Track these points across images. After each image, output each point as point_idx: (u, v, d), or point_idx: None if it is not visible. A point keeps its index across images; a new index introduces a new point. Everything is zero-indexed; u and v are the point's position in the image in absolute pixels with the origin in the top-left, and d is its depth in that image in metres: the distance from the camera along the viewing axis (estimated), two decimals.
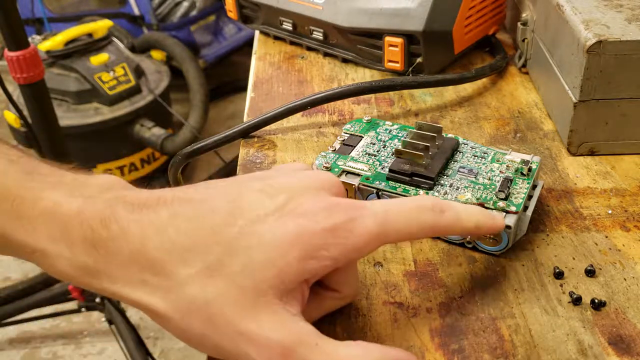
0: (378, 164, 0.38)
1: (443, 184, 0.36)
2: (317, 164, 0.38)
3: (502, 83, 0.53)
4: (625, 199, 0.39)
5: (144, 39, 1.95)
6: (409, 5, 0.51)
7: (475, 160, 0.38)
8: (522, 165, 0.36)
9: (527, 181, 0.36)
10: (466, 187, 0.36)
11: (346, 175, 0.37)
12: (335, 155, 0.39)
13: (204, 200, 0.27)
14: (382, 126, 0.42)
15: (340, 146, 0.40)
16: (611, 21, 0.40)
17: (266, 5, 0.60)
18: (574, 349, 0.29)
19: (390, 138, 0.40)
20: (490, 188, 0.35)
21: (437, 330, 0.30)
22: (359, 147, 0.40)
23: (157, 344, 1.37)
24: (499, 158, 0.38)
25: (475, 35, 0.55)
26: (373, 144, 0.40)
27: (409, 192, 0.36)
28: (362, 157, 0.39)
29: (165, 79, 1.77)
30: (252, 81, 0.55)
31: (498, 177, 0.36)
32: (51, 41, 1.56)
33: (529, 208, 0.35)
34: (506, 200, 0.34)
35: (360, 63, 0.56)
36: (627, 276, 0.33)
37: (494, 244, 0.34)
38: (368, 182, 0.36)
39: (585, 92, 0.40)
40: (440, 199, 0.33)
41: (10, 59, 0.88)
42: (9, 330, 1.39)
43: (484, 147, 0.39)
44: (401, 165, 0.36)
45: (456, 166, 0.37)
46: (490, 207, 0.34)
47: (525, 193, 0.35)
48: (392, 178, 0.36)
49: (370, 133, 0.41)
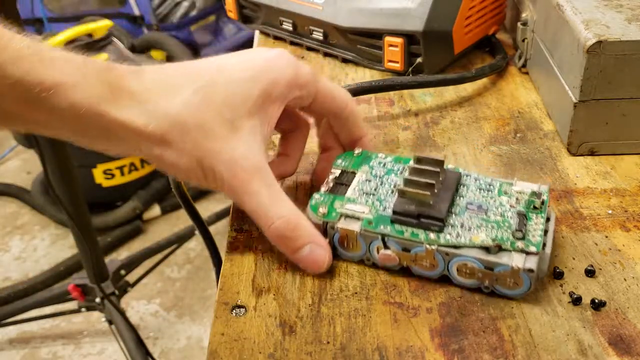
0: (378, 204, 0.35)
1: (453, 224, 0.33)
2: (311, 208, 0.35)
3: (502, 83, 0.53)
4: (625, 199, 0.39)
5: (144, 39, 1.95)
6: (409, 5, 0.51)
7: (482, 193, 0.35)
8: (534, 197, 0.34)
9: (540, 215, 0.33)
10: (478, 227, 0.32)
11: (345, 220, 0.34)
12: (330, 196, 0.35)
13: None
14: (375, 159, 0.38)
15: (334, 185, 0.36)
16: (611, 21, 0.40)
17: (266, 5, 0.60)
18: (574, 349, 0.29)
19: (387, 172, 0.37)
20: (505, 226, 0.32)
21: (437, 330, 0.30)
22: (354, 185, 0.36)
23: (157, 344, 1.37)
24: (506, 190, 0.35)
25: (475, 35, 0.55)
26: (369, 181, 0.36)
27: (417, 236, 0.32)
28: (359, 197, 0.35)
29: None
30: None
31: (510, 212, 0.33)
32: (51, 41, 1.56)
33: (547, 245, 0.32)
34: (524, 240, 0.31)
35: (360, 63, 0.56)
36: (627, 276, 0.33)
37: (515, 288, 0.31)
38: (371, 228, 0.33)
39: (585, 92, 0.40)
40: (452, 242, 0.32)
41: None
42: (9, 330, 1.39)
43: (487, 178, 0.36)
44: (406, 206, 0.33)
45: (463, 202, 0.34)
46: (508, 248, 0.31)
47: (541, 229, 0.32)
48: (397, 220, 0.33)
49: (363, 168, 0.37)
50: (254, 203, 0.32)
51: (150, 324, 1.42)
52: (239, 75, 0.33)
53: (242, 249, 0.36)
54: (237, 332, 0.31)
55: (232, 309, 0.32)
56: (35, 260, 1.59)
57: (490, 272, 0.31)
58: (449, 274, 0.32)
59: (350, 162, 0.38)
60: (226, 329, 0.31)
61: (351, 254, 0.34)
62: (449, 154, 0.44)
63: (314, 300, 0.32)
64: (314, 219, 0.34)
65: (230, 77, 0.33)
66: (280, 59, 0.35)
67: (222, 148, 0.32)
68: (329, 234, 0.34)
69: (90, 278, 1.16)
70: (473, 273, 0.31)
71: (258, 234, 0.37)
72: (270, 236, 0.33)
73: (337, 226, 0.34)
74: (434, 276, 0.33)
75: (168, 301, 1.46)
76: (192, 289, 1.49)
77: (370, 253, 0.34)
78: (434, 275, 0.33)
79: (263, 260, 0.35)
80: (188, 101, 0.31)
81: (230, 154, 0.32)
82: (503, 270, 0.31)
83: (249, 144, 0.32)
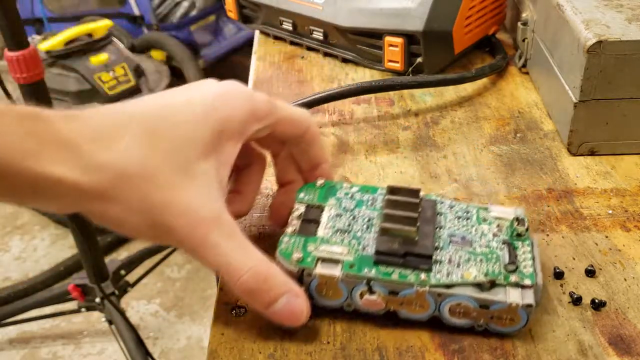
0: (356, 242, 0.31)
1: (441, 260, 0.30)
2: (283, 254, 0.31)
3: (502, 83, 0.53)
4: (625, 199, 0.39)
5: (143, 39, 1.95)
6: (409, 5, 0.51)
7: (461, 222, 0.33)
8: (517, 224, 0.32)
9: (526, 243, 0.31)
10: (467, 261, 0.30)
11: (323, 264, 0.30)
12: (301, 238, 0.31)
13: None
14: (341, 190, 0.35)
15: (301, 224, 0.32)
16: (611, 21, 0.40)
17: (266, 5, 0.60)
18: (574, 349, 0.29)
19: (356, 205, 0.34)
20: (493, 258, 0.30)
21: (437, 330, 0.30)
22: (324, 222, 0.32)
23: (157, 344, 1.37)
24: (485, 216, 0.33)
25: (475, 35, 0.55)
26: (339, 216, 0.33)
27: (406, 278, 0.29)
28: (333, 235, 0.32)
29: (165, 79, 1.77)
30: (252, 81, 0.55)
31: (494, 242, 0.31)
32: (51, 41, 1.56)
33: (538, 274, 0.30)
34: (517, 273, 0.30)
35: (360, 63, 0.56)
36: (627, 276, 0.33)
37: (511, 324, 0.29)
38: (354, 271, 0.30)
39: (585, 92, 0.40)
40: (443, 281, 0.29)
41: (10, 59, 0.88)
42: (9, 330, 1.39)
43: (462, 204, 0.34)
44: (389, 245, 0.30)
45: (444, 234, 0.32)
46: (502, 283, 0.29)
47: (530, 258, 0.30)
48: (381, 261, 0.30)
49: (330, 201, 0.34)
50: (216, 257, 0.28)
51: (150, 324, 1.42)
52: (186, 116, 0.29)
53: None
54: (237, 332, 0.31)
55: (232, 309, 0.32)
56: (35, 260, 1.59)
57: (485, 311, 0.29)
58: (440, 315, 0.30)
59: (314, 195, 0.34)
60: (226, 329, 0.31)
61: (330, 301, 0.31)
62: (449, 154, 0.44)
63: None
64: (287, 266, 0.30)
65: (177, 119, 0.29)
66: (232, 92, 0.31)
67: (174, 199, 0.28)
68: (305, 282, 0.30)
69: (90, 278, 1.16)
70: (467, 312, 0.29)
71: (258, 234, 0.37)
72: (240, 292, 0.29)
73: (314, 272, 0.30)
74: (423, 319, 0.30)
75: (168, 301, 1.46)
76: (192, 289, 1.49)
77: (352, 299, 0.30)
78: (423, 318, 0.30)
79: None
80: (130, 149, 0.28)
81: (184, 204, 0.28)
82: (499, 308, 0.29)
83: (204, 190, 0.29)
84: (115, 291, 1.17)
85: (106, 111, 0.29)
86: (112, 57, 1.62)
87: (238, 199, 0.35)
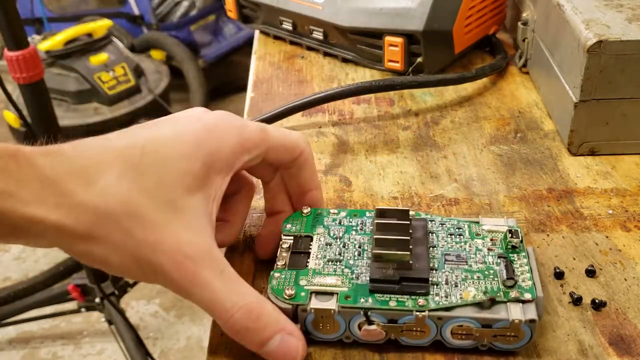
0: (349, 271, 0.30)
1: (437, 282, 0.29)
2: (274, 291, 0.29)
3: (502, 83, 0.53)
4: (625, 199, 0.39)
5: (143, 39, 1.95)
6: (409, 5, 0.51)
7: (454, 239, 0.32)
8: (511, 237, 0.31)
9: (522, 255, 0.30)
10: (464, 280, 0.29)
11: (317, 298, 0.29)
12: (291, 272, 0.30)
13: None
14: (328, 217, 0.34)
15: (290, 256, 0.31)
16: (611, 21, 0.40)
17: (266, 5, 0.60)
18: (575, 349, 0.29)
19: (346, 231, 0.33)
20: (490, 274, 0.29)
21: None
22: (314, 253, 0.31)
23: (156, 344, 1.37)
24: (477, 231, 0.32)
25: (476, 35, 0.55)
26: (329, 245, 0.32)
27: (404, 304, 0.28)
28: (325, 266, 0.31)
29: (164, 79, 1.77)
30: (252, 81, 0.55)
31: (490, 256, 0.31)
32: (51, 41, 1.56)
33: (537, 286, 0.29)
34: (516, 288, 0.29)
35: (360, 63, 0.56)
36: (627, 276, 0.33)
37: (515, 341, 0.28)
38: (350, 303, 0.29)
39: (585, 92, 0.40)
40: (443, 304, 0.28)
41: (10, 59, 0.88)
42: (9, 330, 1.39)
43: (453, 220, 0.33)
44: (384, 271, 0.29)
45: (438, 253, 0.31)
46: (503, 300, 0.28)
47: (528, 271, 0.30)
48: (377, 289, 0.29)
49: (318, 229, 0.33)
50: (207, 295, 0.27)
51: (150, 324, 1.42)
52: (174, 150, 0.28)
53: (242, 249, 0.36)
54: None
55: None
56: (35, 260, 1.59)
57: (488, 330, 0.28)
58: (442, 339, 0.29)
59: (301, 224, 0.33)
60: None
61: (328, 335, 0.29)
62: (449, 154, 0.44)
63: None
64: (280, 304, 0.29)
65: (165, 153, 0.28)
66: (222, 125, 0.30)
67: (162, 236, 0.27)
68: (300, 318, 0.29)
69: (89, 278, 1.16)
70: (470, 333, 0.28)
71: (258, 234, 0.37)
72: (231, 331, 0.28)
73: (309, 307, 0.29)
74: (426, 344, 0.29)
75: (168, 301, 1.46)
76: None
77: (350, 331, 0.29)
78: (426, 343, 0.29)
79: (263, 260, 0.35)
80: (113, 186, 0.26)
81: (173, 241, 0.27)
82: (502, 326, 0.28)
83: (193, 226, 0.28)
84: (115, 291, 1.17)
85: (89, 145, 0.28)
86: (111, 57, 1.63)
87: (224, 228, 0.34)
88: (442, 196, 0.40)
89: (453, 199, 0.39)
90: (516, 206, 0.39)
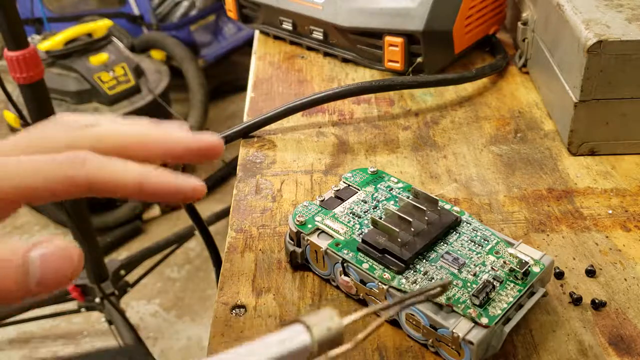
0: (358, 227, 0.33)
1: (417, 269, 0.30)
2: (292, 216, 0.33)
3: (502, 83, 0.53)
4: (625, 199, 0.39)
5: (143, 39, 1.95)
6: (409, 5, 0.51)
7: (470, 246, 0.31)
8: (518, 267, 0.29)
9: (518, 287, 0.29)
10: (442, 280, 0.29)
11: (318, 236, 0.33)
12: (318, 208, 0.34)
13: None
14: (386, 182, 0.36)
15: (330, 198, 0.35)
16: (611, 21, 0.40)
17: (266, 5, 0.60)
18: (574, 349, 0.29)
19: (388, 199, 0.35)
20: (471, 287, 0.29)
21: None
22: (347, 204, 0.34)
23: (156, 344, 1.37)
24: (500, 250, 0.31)
25: (476, 35, 0.55)
26: (364, 202, 0.35)
27: (373, 271, 0.30)
28: (344, 216, 0.34)
29: (164, 79, 1.77)
30: (252, 81, 0.55)
31: (487, 274, 0.30)
32: (51, 41, 1.56)
33: (511, 321, 0.28)
34: (480, 308, 0.28)
35: (360, 63, 0.56)
36: (627, 276, 0.33)
37: (457, 357, 0.28)
38: (336, 249, 0.31)
39: (585, 92, 0.40)
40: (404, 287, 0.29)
41: (10, 59, 0.88)
42: (9, 330, 1.39)
43: (488, 231, 0.32)
44: (376, 237, 0.31)
45: (443, 250, 0.31)
46: (459, 312, 0.28)
47: (509, 303, 0.28)
48: (363, 250, 0.31)
49: (368, 188, 0.36)
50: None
51: (150, 324, 1.42)
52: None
53: (242, 249, 0.36)
54: (237, 332, 0.31)
55: (232, 309, 0.32)
56: None
57: (433, 332, 0.28)
58: (398, 319, 0.30)
59: (360, 179, 0.36)
60: (226, 329, 0.31)
61: (319, 271, 0.33)
62: (449, 154, 0.44)
63: (314, 300, 0.32)
64: (291, 226, 0.33)
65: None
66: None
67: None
68: (302, 245, 0.33)
69: (90, 278, 1.16)
70: (419, 327, 0.29)
71: (258, 234, 0.37)
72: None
73: (307, 238, 0.33)
74: (386, 318, 0.29)
75: (168, 301, 1.46)
76: (192, 289, 1.49)
77: (334, 275, 0.32)
78: (386, 318, 0.29)
79: (263, 260, 0.35)
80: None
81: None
82: (444, 334, 0.28)
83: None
84: (115, 291, 1.18)
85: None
86: (111, 57, 1.62)
87: None
88: (442, 196, 0.40)
89: (453, 199, 0.39)
90: (516, 206, 0.39)
